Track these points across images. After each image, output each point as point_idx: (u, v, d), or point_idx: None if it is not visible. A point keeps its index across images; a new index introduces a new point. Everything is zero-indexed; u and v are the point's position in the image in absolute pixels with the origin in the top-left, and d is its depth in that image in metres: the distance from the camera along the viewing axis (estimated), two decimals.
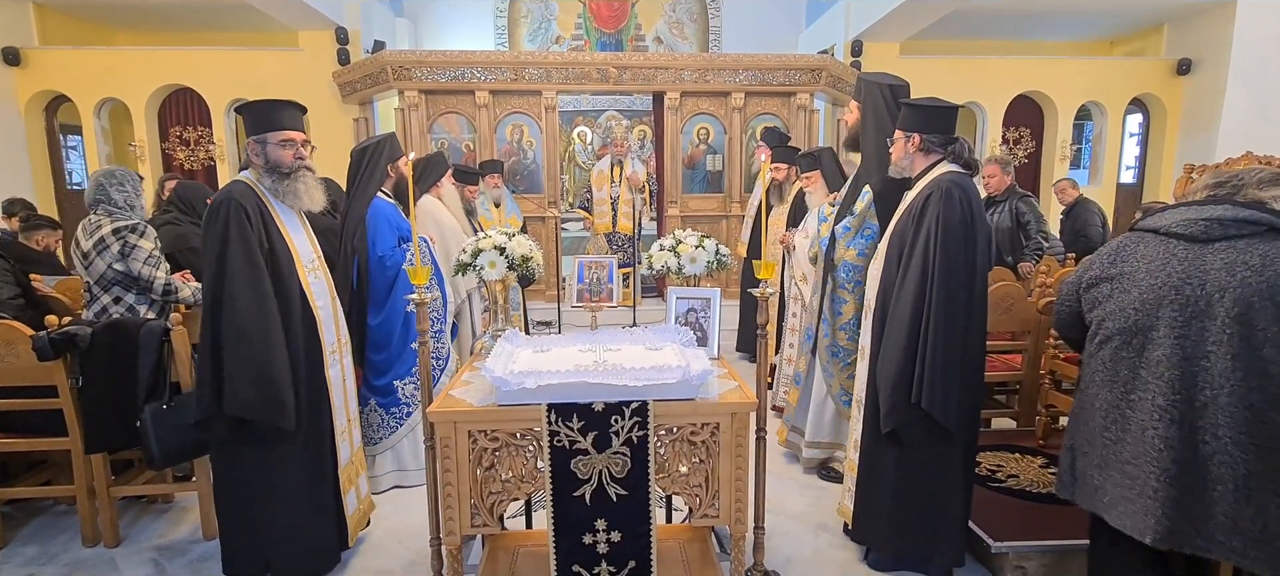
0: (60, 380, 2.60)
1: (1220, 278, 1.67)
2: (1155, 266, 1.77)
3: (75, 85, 7.04)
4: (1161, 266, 1.76)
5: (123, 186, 2.90)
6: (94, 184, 2.88)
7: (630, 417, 1.85)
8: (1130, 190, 8.73)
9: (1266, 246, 1.66)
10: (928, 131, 2.39)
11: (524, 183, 6.64)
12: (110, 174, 2.92)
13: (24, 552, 2.77)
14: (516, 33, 9.90)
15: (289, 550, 2.45)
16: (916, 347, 2.25)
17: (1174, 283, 1.72)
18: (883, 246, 2.52)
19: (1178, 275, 1.72)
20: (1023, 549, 2.45)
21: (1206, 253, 1.71)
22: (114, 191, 2.87)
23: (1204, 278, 1.69)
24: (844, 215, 3.11)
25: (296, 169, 2.41)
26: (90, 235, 2.83)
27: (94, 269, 2.82)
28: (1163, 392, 1.72)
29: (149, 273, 2.85)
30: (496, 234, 2.46)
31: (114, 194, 2.87)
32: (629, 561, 1.94)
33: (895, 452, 2.41)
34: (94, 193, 2.88)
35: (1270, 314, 1.62)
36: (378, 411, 3.25)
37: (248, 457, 2.36)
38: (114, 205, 2.87)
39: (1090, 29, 8.79)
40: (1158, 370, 1.73)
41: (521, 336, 2.29)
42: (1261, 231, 1.68)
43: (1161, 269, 1.76)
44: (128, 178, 2.95)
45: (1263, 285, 1.63)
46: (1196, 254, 1.72)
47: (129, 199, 2.91)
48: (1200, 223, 1.74)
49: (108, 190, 2.86)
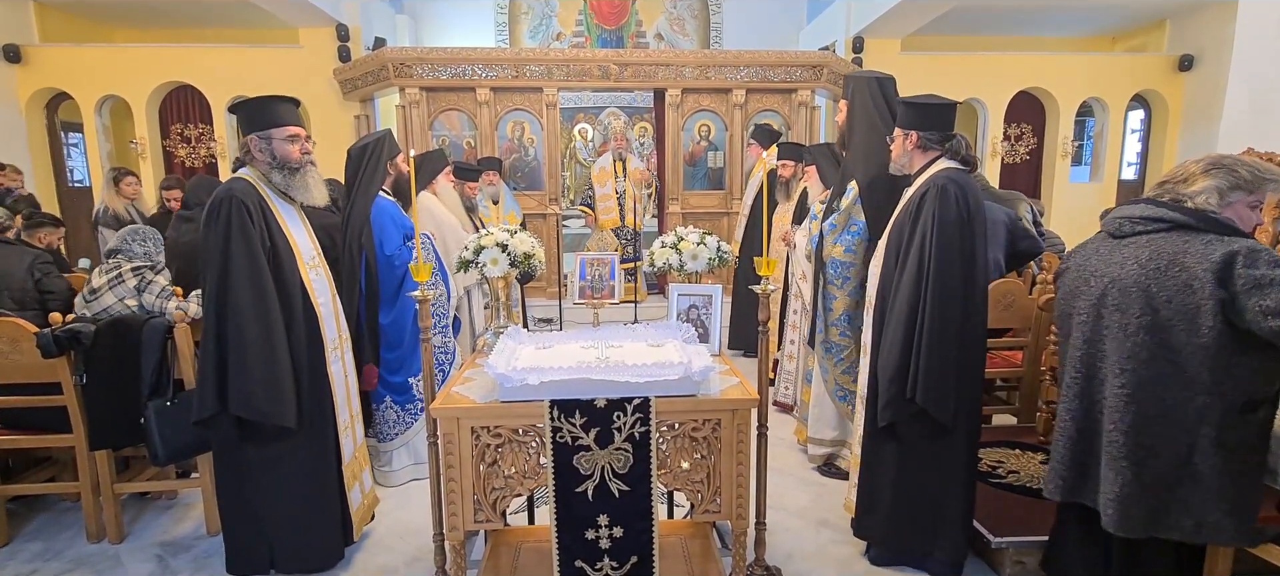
0: (64, 377, 2.61)
1: (1115, 270, 1.88)
2: (1083, 260, 2.02)
3: (76, 82, 7.04)
4: (1086, 260, 2.01)
5: (144, 241, 3.02)
6: (118, 238, 3.01)
7: (632, 414, 1.86)
8: (1132, 186, 8.72)
9: (1162, 241, 1.81)
10: (924, 128, 2.39)
11: (525, 180, 6.65)
12: (135, 231, 3.04)
13: (29, 548, 2.79)
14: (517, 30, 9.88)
15: (292, 546, 2.46)
16: (913, 343, 2.27)
17: (1087, 275, 1.97)
18: (882, 243, 2.53)
19: (1091, 268, 1.97)
20: (1023, 544, 2.46)
21: (1119, 248, 1.91)
22: (136, 245, 2.98)
23: (1108, 270, 1.90)
24: (831, 212, 3.11)
25: (304, 163, 2.43)
26: (105, 273, 2.89)
27: (100, 302, 2.82)
28: (1071, 370, 1.99)
29: (160, 305, 2.89)
30: (498, 231, 2.47)
31: (135, 247, 2.97)
32: (631, 556, 1.95)
33: (896, 448, 2.42)
34: (118, 243, 2.99)
35: (1140, 304, 1.80)
36: (393, 408, 3.27)
37: (250, 454, 2.37)
38: (134, 255, 2.96)
39: (1092, 25, 8.77)
40: (1073, 351, 1.99)
41: (524, 333, 2.30)
42: (1164, 228, 1.83)
43: (1084, 262, 2.01)
44: (151, 236, 3.07)
45: (1141, 277, 1.80)
46: (1111, 248, 1.94)
47: (150, 253, 3.01)
48: (1118, 220, 1.95)
49: (131, 244, 2.97)
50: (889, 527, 2.50)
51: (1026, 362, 3.52)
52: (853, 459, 2.73)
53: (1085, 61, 8.18)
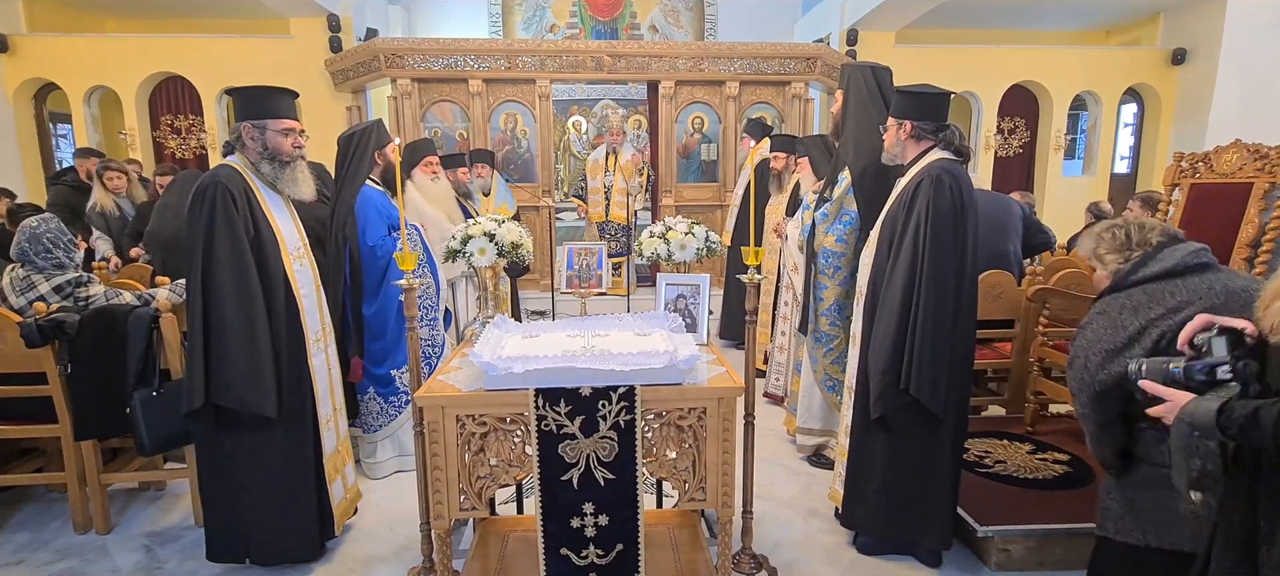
0: (49, 367, 2.60)
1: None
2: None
3: (64, 72, 6.98)
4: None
5: (50, 247, 2.72)
6: (15, 246, 2.71)
7: (618, 402, 1.86)
8: (1124, 179, 8.76)
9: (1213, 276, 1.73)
10: (919, 118, 2.39)
11: (518, 172, 6.62)
12: (33, 232, 2.72)
13: (15, 539, 2.78)
14: (510, 22, 9.82)
15: (268, 536, 2.45)
16: (906, 334, 2.26)
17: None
18: (874, 233, 2.52)
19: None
20: (1008, 532, 2.48)
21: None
22: (39, 257, 2.70)
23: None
24: (824, 201, 3.11)
25: (295, 158, 2.41)
26: (19, 293, 2.68)
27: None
28: None
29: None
30: (486, 220, 2.46)
31: (39, 260, 2.70)
32: (617, 544, 1.95)
33: (884, 438, 2.43)
34: (16, 252, 2.70)
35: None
36: (377, 399, 3.26)
37: (229, 444, 2.36)
38: (43, 267, 2.72)
39: (1085, 18, 8.78)
40: None
41: (511, 322, 2.29)
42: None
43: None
44: (51, 232, 2.75)
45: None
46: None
47: (61, 260, 2.76)
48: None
49: (31, 255, 2.69)
50: (877, 516, 2.51)
51: (1015, 354, 3.53)
52: (839, 448, 2.74)
53: (1078, 55, 8.19)
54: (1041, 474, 2.86)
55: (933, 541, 2.46)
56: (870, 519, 2.54)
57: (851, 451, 2.54)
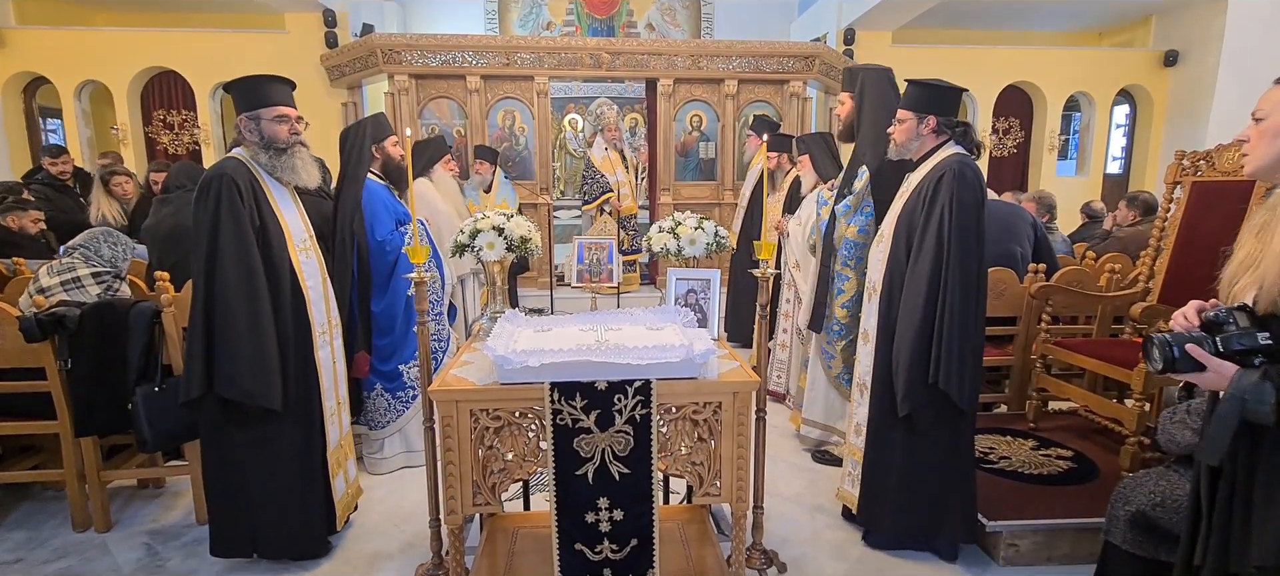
0: (48, 362, 2.55)
1: None
2: None
3: (55, 66, 6.87)
4: None
5: (114, 245, 2.93)
6: (87, 236, 2.92)
7: (634, 396, 1.85)
8: (1116, 180, 8.84)
9: None
10: (941, 112, 2.39)
11: (516, 169, 6.59)
12: (108, 234, 2.96)
13: (13, 537, 2.73)
14: (507, 19, 9.77)
15: (276, 531, 2.43)
16: (932, 328, 2.25)
17: None
18: (888, 228, 2.51)
19: None
20: (1016, 528, 2.48)
21: None
22: (104, 248, 2.89)
23: None
24: (843, 195, 3.12)
25: (292, 144, 2.38)
26: (57, 274, 2.77)
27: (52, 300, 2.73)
28: None
29: None
30: (495, 214, 2.44)
31: (104, 249, 2.89)
32: (631, 539, 1.94)
33: (904, 434, 2.42)
34: (84, 239, 2.90)
35: None
36: (384, 395, 3.23)
37: (235, 438, 2.33)
38: (96, 258, 2.86)
39: (1079, 20, 8.86)
40: None
41: (522, 316, 2.28)
42: None
43: None
44: (122, 242, 2.98)
45: None
46: None
47: (116, 259, 2.92)
48: None
49: (98, 245, 2.88)
50: (897, 513, 2.49)
51: (1017, 350, 3.55)
52: (847, 446, 2.74)
53: (1072, 56, 8.26)
54: (1046, 470, 2.88)
55: (955, 535, 2.46)
56: (890, 516, 2.52)
57: (868, 450, 2.53)
